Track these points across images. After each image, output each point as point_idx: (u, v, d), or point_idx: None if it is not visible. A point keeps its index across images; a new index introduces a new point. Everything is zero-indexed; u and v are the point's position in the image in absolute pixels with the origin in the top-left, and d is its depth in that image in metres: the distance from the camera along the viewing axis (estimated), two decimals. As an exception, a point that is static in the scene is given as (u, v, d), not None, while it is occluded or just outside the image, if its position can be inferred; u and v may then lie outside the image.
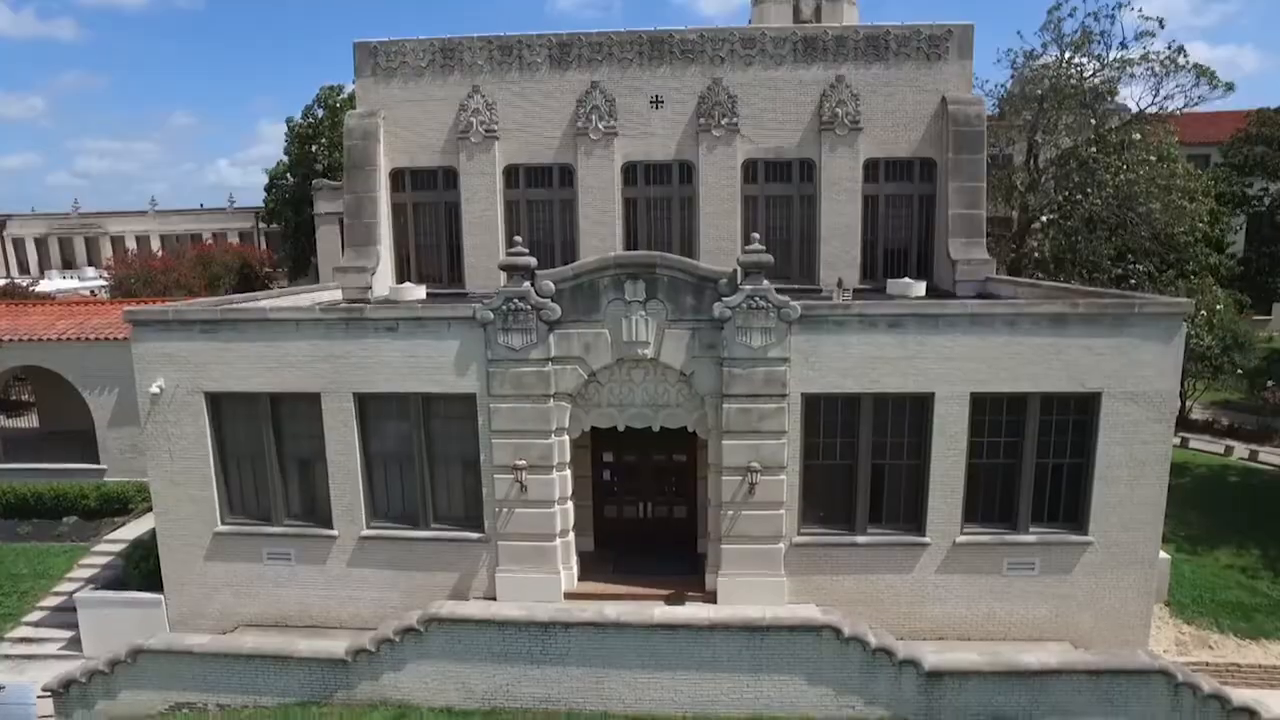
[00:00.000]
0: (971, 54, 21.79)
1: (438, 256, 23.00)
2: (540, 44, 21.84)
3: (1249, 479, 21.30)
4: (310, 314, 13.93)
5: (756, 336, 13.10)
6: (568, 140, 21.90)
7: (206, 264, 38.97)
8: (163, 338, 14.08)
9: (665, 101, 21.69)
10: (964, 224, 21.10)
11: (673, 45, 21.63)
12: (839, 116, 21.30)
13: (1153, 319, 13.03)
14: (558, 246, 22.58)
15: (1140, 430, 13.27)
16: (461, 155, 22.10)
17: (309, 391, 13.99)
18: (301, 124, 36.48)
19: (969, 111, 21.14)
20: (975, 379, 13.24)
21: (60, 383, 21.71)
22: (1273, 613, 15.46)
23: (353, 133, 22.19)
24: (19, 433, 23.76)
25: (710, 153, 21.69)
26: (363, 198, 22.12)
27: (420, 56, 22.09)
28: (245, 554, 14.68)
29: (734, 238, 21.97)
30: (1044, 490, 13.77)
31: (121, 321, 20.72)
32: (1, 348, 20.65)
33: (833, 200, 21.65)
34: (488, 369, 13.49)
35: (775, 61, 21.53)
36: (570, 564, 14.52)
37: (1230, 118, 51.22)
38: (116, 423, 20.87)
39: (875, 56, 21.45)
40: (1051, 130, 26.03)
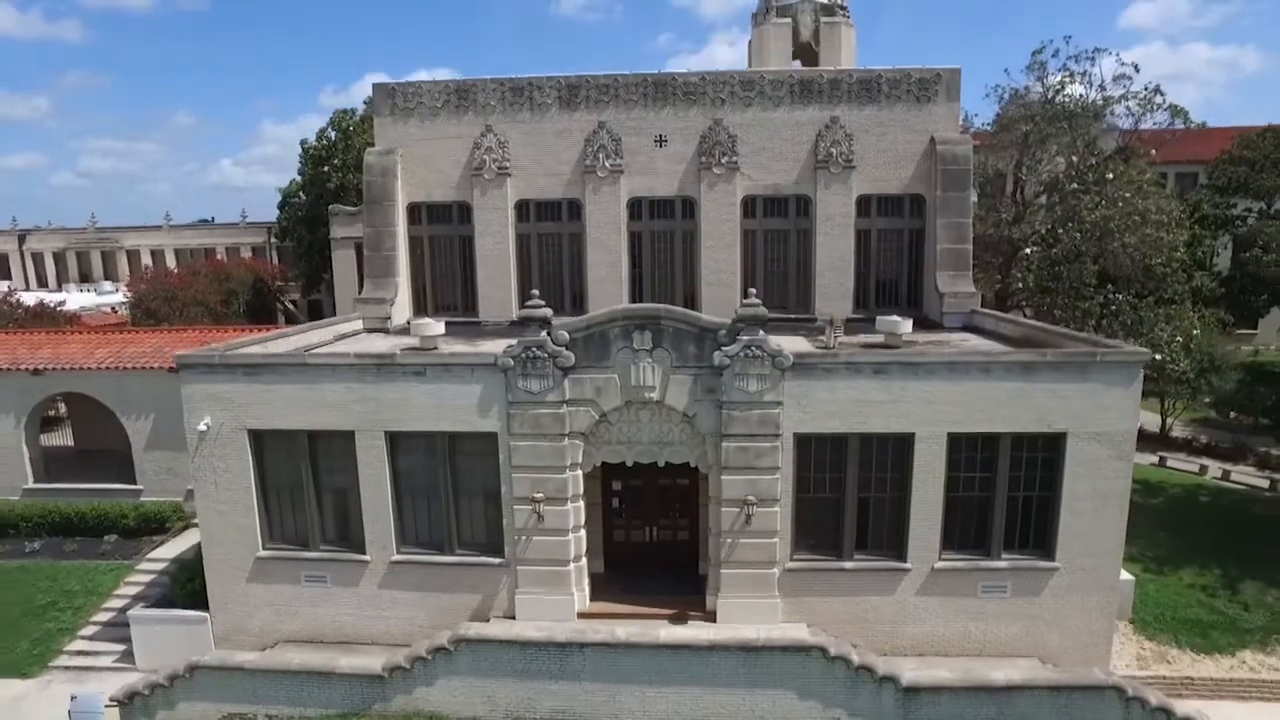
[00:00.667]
0: (959, 96, 23.24)
1: (453, 287, 24.44)
2: (550, 86, 23.25)
3: (1219, 499, 22.75)
4: (345, 359, 15.38)
5: (753, 382, 14.55)
6: (576, 177, 23.31)
7: (222, 280, 40.48)
8: (209, 380, 15.53)
9: (669, 140, 23.10)
10: (952, 258, 22.51)
11: (675, 87, 23.03)
12: (834, 155, 22.70)
13: (1113, 366, 14.47)
14: (566, 278, 24.07)
15: (1102, 467, 14.72)
16: (475, 191, 23.52)
17: (344, 430, 15.46)
18: (315, 146, 37.93)
19: (957, 151, 22.55)
20: (952, 420, 14.69)
21: (93, 402, 23.16)
22: (1227, 629, 16.93)
23: (372, 169, 23.64)
24: (55, 451, 25.19)
25: (711, 189, 23.10)
26: (381, 231, 23.57)
27: (436, 97, 23.51)
28: (284, 576, 16.17)
29: (734, 270, 23.45)
30: (1015, 520, 15.23)
31: (156, 350, 22.29)
32: (45, 375, 22.08)
33: (828, 235, 23.07)
34: (508, 410, 14.96)
35: (773, 103, 22.91)
36: (583, 586, 16.00)
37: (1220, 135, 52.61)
38: (152, 446, 22.34)
39: (868, 98, 22.82)
40: (1041, 145, 27.30)
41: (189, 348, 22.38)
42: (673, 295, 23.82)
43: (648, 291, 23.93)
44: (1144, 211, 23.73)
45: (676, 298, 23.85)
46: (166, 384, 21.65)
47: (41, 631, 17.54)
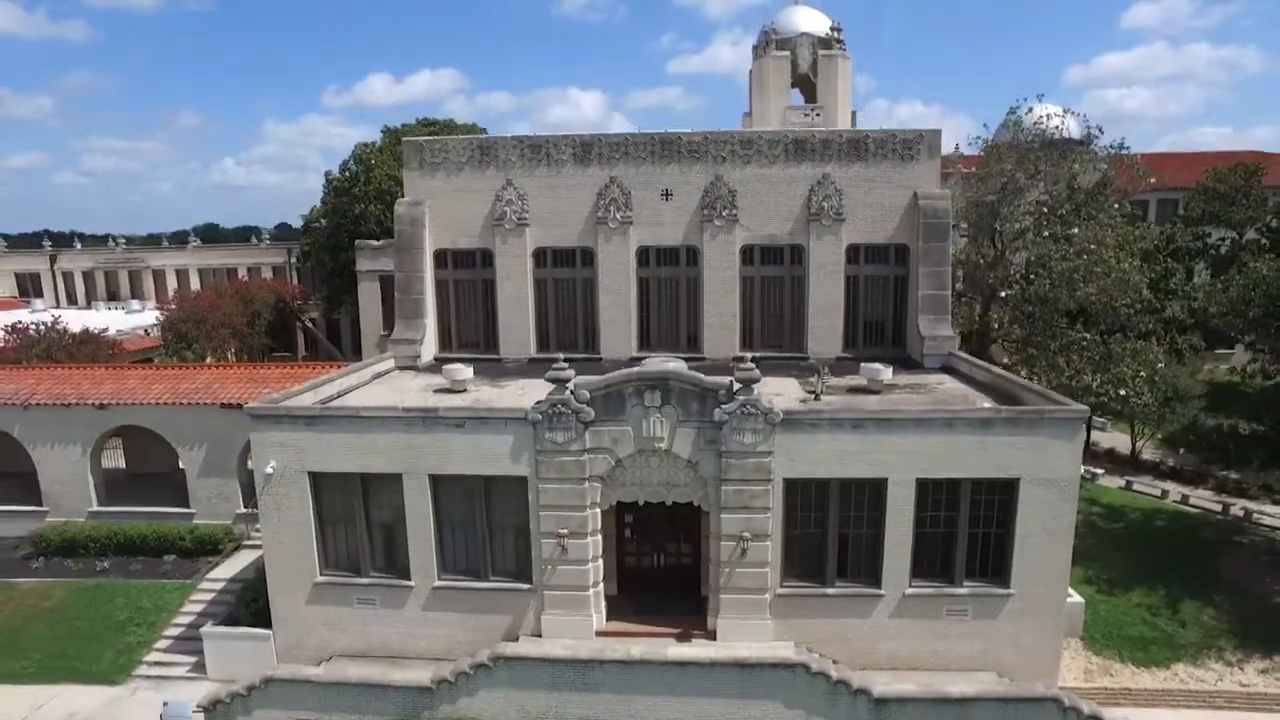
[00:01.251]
0: (939, 154, 25.78)
1: (475, 326, 26.96)
2: (566, 144, 25.74)
3: (1175, 524, 25.26)
4: (394, 412, 17.89)
5: (748, 435, 17.06)
6: (589, 227, 25.80)
7: (247, 301, 43.00)
8: (275, 429, 18.05)
9: (674, 194, 25.59)
10: (932, 303, 25.00)
11: (681, 146, 25.50)
12: (825, 209, 25.18)
13: (1059, 422, 16.98)
14: (580, 319, 26.60)
15: (1050, 508, 17.23)
16: (497, 239, 26.02)
17: (392, 472, 17.99)
18: (339, 178, 40.42)
19: (937, 206, 25.04)
20: (921, 468, 17.20)
21: (145, 430, 25.61)
22: (1165, 645, 19.46)
23: (402, 219, 26.13)
24: (111, 474, 27.61)
25: (713, 239, 25.59)
26: (411, 276, 26.08)
27: (460, 153, 25.99)
28: (339, 599, 18.72)
29: (734, 313, 25.96)
30: (975, 553, 17.76)
31: (207, 386, 24.86)
32: (109, 410, 24.63)
33: (819, 281, 25.57)
34: (536, 458, 17.48)
35: (769, 160, 25.37)
36: (600, 608, 18.56)
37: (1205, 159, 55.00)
38: (204, 474, 24.88)
39: (856, 157, 25.28)
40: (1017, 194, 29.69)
41: (237, 384, 25.09)
42: (678, 336, 26.41)
43: (654, 333, 26.48)
44: (1107, 263, 26.11)
45: (681, 338, 26.45)
46: (218, 419, 24.37)
47: (122, 644, 20.11)
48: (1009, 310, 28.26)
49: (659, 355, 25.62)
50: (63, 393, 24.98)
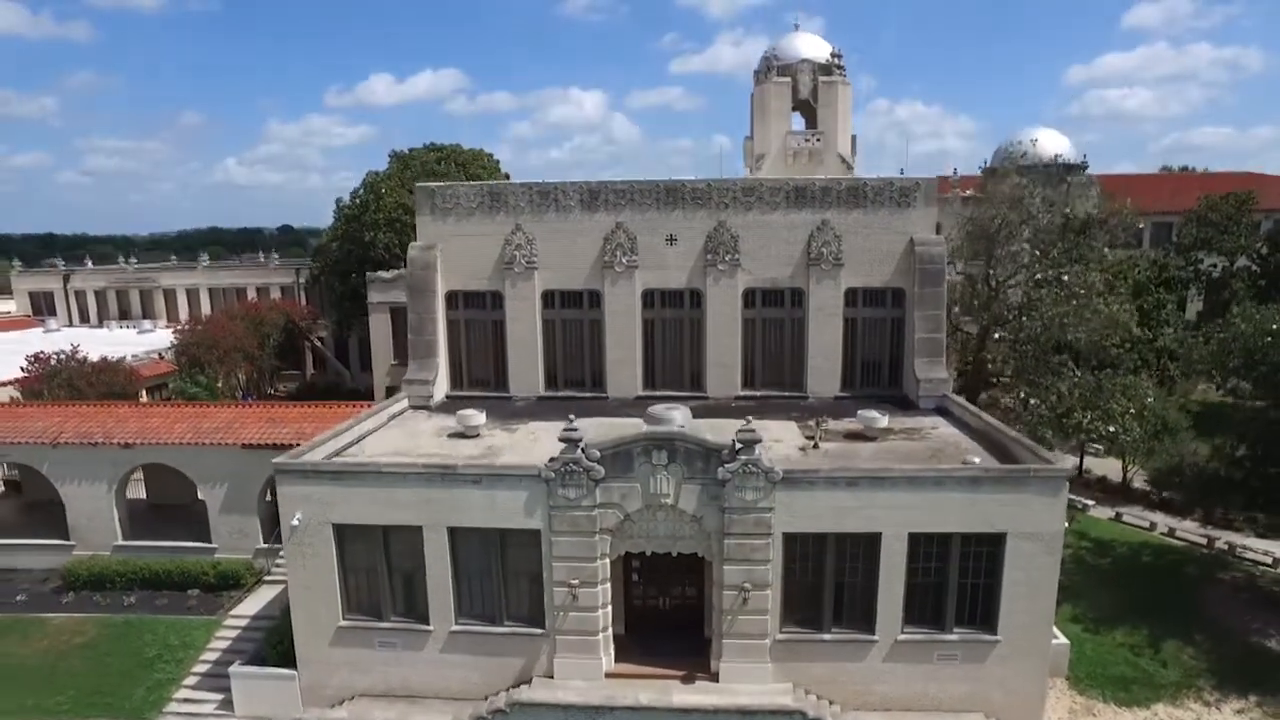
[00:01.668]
0: (935, 201, 26.82)
1: (486, 365, 28.05)
2: (573, 190, 26.81)
3: (1160, 559, 26.39)
4: (415, 468, 19.00)
5: (749, 493, 18.15)
6: (596, 270, 26.87)
7: (257, 324, 44.11)
8: (301, 483, 19.16)
9: (678, 239, 26.65)
10: (927, 346, 26.07)
11: (685, 193, 26.56)
12: (824, 254, 26.24)
13: (1043, 480, 18.07)
14: (587, 359, 27.69)
15: (1034, 560, 18.34)
16: (506, 282, 27.10)
17: (412, 525, 19.10)
18: (349, 206, 41.52)
19: (932, 252, 26.09)
20: (913, 522, 18.30)
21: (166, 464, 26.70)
22: (1146, 685, 20.60)
23: (415, 262, 27.20)
24: (132, 504, 28.60)
25: (716, 283, 26.66)
26: (424, 317, 27.17)
27: (471, 199, 27.06)
28: (361, 642, 19.85)
29: (736, 354, 27.04)
30: (964, 601, 18.86)
31: (228, 426, 25.98)
32: (134, 449, 25.75)
33: (819, 323, 26.63)
34: (549, 512, 18.58)
35: (771, 207, 26.41)
36: (609, 650, 19.68)
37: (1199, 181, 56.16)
38: (225, 510, 26.02)
39: (855, 204, 26.32)
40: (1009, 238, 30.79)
41: (257, 424, 26.22)
42: (682, 376, 27.50)
43: (659, 372, 27.57)
44: (1095, 306, 27.17)
45: (685, 378, 27.54)
46: (238, 458, 25.53)
47: (153, 681, 21.26)
48: (1002, 349, 29.33)
49: (664, 393, 26.87)
50: (90, 431, 26.09)
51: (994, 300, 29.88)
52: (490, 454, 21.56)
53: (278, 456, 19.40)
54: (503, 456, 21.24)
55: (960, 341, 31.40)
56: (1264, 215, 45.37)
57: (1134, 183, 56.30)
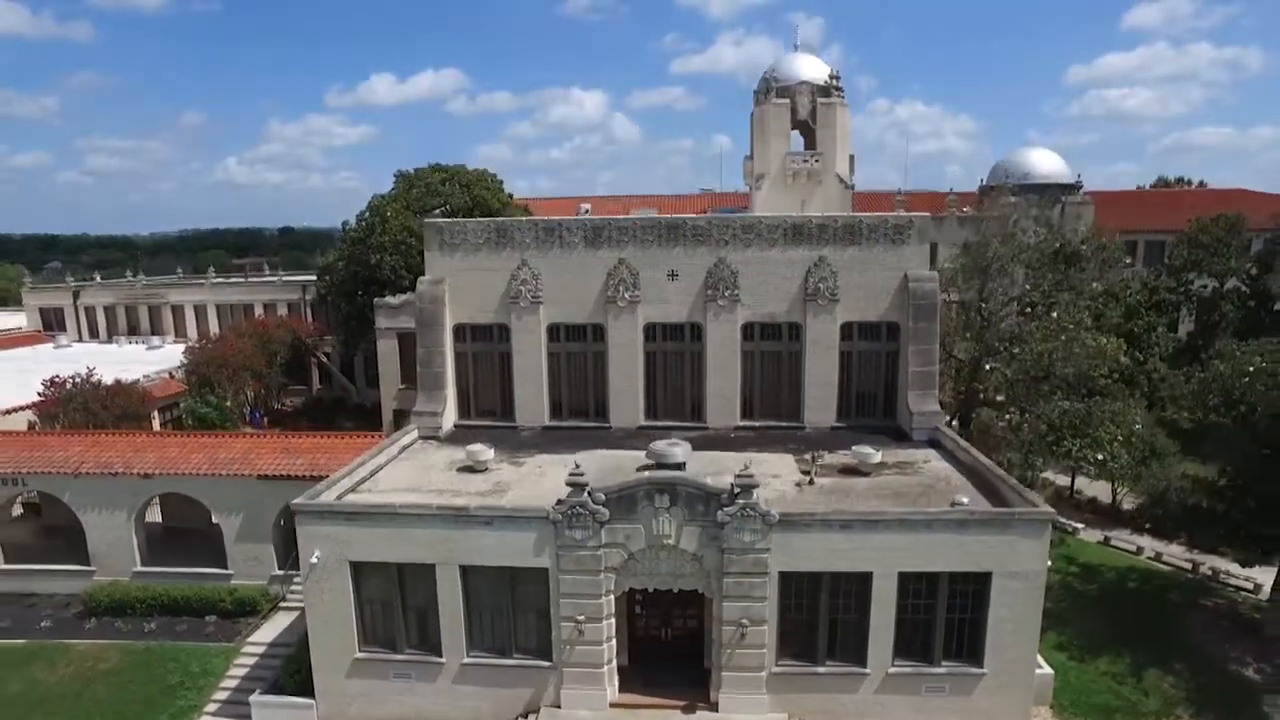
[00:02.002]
0: (929, 239, 27.77)
1: (493, 395, 29.00)
2: (577, 227, 27.74)
3: (1146, 584, 27.39)
4: (429, 510, 19.98)
5: (747, 535, 19.14)
6: (599, 304, 27.81)
7: (265, 342, 45.08)
8: (319, 523, 20.14)
9: (680, 275, 27.58)
10: (920, 379, 27.02)
11: (686, 230, 27.48)
12: (821, 290, 27.16)
13: (1027, 523, 19.06)
14: (591, 390, 28.63)
15: (1019, 597, 19.33)
16: (512, 316, 28.05)
17: (426, 563, 20.09)
18: (355, 229, 42.48)
19: (926, 287, 27.02)
20: (903, 562, 19.29)
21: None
22: (1129, 713, 21.60)
23: (423, 296, 28.15)
24: (149, 527, 29.57)
25: (716, 318, 27.61)
26: (432, 350, 28.12)
27: (478, 235, 27.99)
28: (377, 673, 20.86)
29: (735, 386, 27.98)
30: (952, 636, 19.86)
31: (243, 456, 26.96)
32: (153, 479, 26.74)
33: (815, 356, 27.58)
34: (557, 552, 19.57)
35: (769, 244, 27.33)
36: (613, 681, 20.71)
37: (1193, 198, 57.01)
38: (241, 539, 27.02)
39: (851, 240, 27.24)
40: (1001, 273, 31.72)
41: (271, 455, 27.23)
42: (682, 406, 28.45)
43: (660, 403, 28.52)
44: (1083, 341, 28.09)
45: (685, 408, 28.49)
46: (254, 488, 26.55)
47: (176, 708, 22.27)
48: (995, 377, 30.25)
49: (665, 423, 27.91)
50: (110, 461, 27.06)
51: (986, 330, 30.79)
52: (499, 489, 22.54)
53: (297, 498, 20.35)
54: (511, 492, 22.23)
55: (954, 367, 32.32)
56: (1254, 234, 46.25)
57: (1128, 199, 57.38)
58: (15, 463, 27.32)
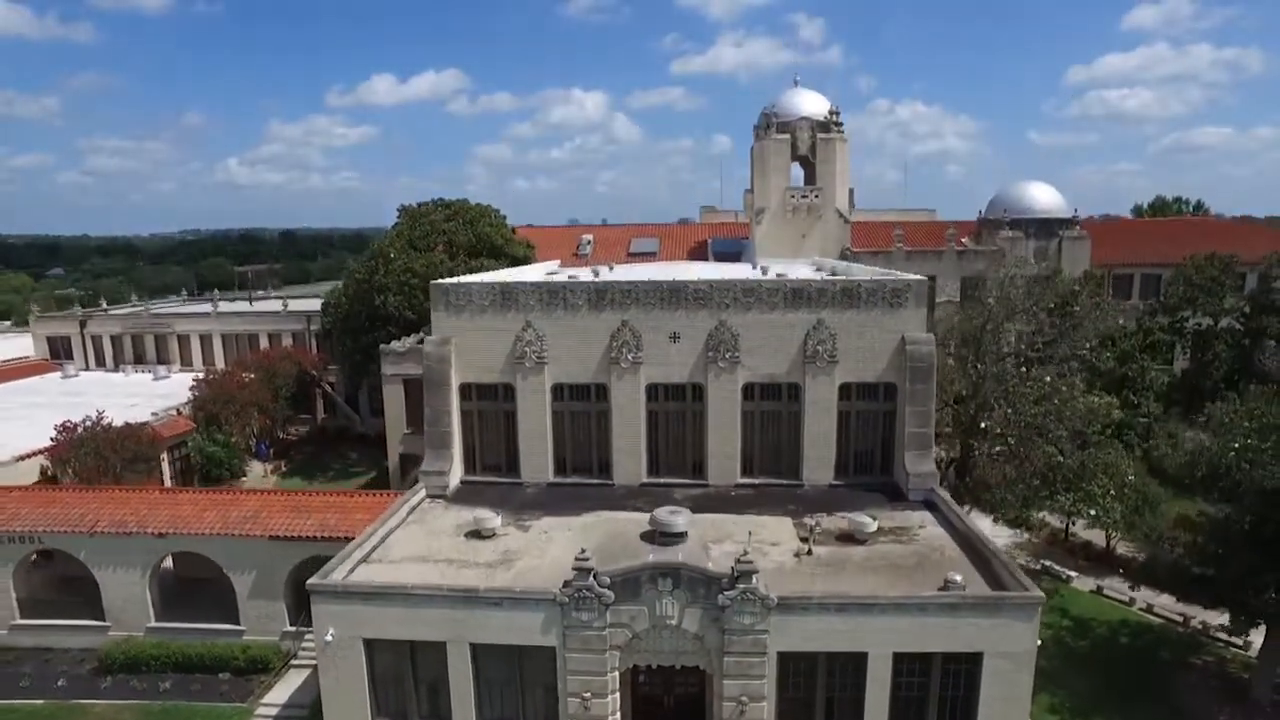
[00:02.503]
0: (925, 302, 28.40)
1: (498, 452, 29.75)
2: (581, 290, 28.42)
3: (1137, 639, 28.16)
4: (440, 591, 20.72)
5: (747, 617, 19.89)
6: (603, 365, 28.52)
7: (271, 376, 45.82)
8: (334, 602, 20.89)
9: (681, 337, 28.28)
10: (917, 440, 27.75)
11: (687, 294, 28.17)
12: (820, 352, 27.86)
13: (1018, 606, 19.81)
14: (594, 448, 29.37)
15: (1010, 677, 20.10)
16: (518, 376, 28.76)
17: (437, 640, 20.85)
18: (359, 270, 43.22)
19: (922, 350, 27.72)
20: (897, 643, 20.05)
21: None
22: (1115, 780, 22.40)
23: (430, 357, 28.86)
24: (161, 578, 30.29)
25: (717, 379, 28.32)
26: (439, 410, 28.85)
27: (484, 297, 28.69)
28: (388, 742, 21.64)
29: (735, 445, 28.71)
30: (944, 712, 20.63)
31: (254, 515, 27.69)
32: (166, 538, 27.49)
33: (814, 416, 28.30)
34: (564, 632, 20.33)
35: (769, 307, 28.02)
36: (618, 752, 21.49)
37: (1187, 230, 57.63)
38: (253, 596, 27.79)
39: (849, 304, 27.93)
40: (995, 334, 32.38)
41: (282, 514, 27.99)
42: (684, 464, 29.19)
43: (663, 461, 29.27)
44: (1074, 404, 28.79)
45: (687, 466, 29.23)
46: (265, 548, 27.33)
47: (195, 773, 23.07)
48: (988, 440, 30.95)
49: (667, 480, 28.72)
50: (124, 520, 27.81)
51: (982, 384, 31.45)
52: (506, 560, 23.30)
53: (311, 577, 21.08)
54: (519, 563, 22.99)
55: (951, 416, 33.01)
56: (1248, 268, 46.96)
57: (1124, 231, 58.02)
58: (32, 521, 28.09)
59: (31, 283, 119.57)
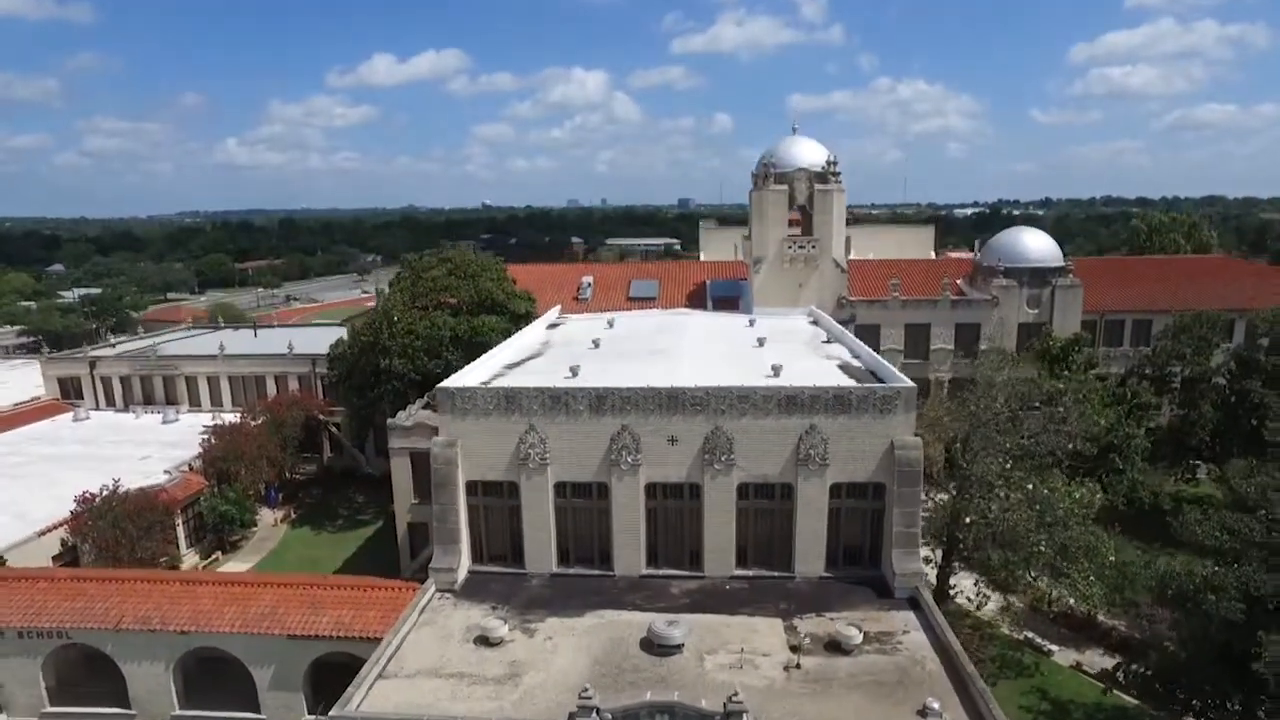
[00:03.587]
0: (914, 408, 29.69)
1: (504, 543, 31.33)
2: (582, 394, 29.75)
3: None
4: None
5: (738, 753, 21.56)
6: (604, 466, 29.95)
7: (279, 425, 47.30)
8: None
9: (679, 440, 29.67)
10: (904, 539, 29.28)
11: (685, 399, 29.48)
12: (812, 455, 29.27)
13: (991, 742, 21.44)
14: (595, 542, 30.92)
15: (983, 804, 21.82)
16: (522, 475, 30.22)
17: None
18: (362, 330, 44.55)
19: (911, 455, 29.10)
20: (878, 775, 21.73)
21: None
22: None
23: (438, 459, 30.29)
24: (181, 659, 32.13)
25: (713, 480, 29.76)
26: (447, 508, 30.36)
27: (488, 401, 30.04)
28: None
29: (730, 540, 30.25)
30: (922, 833, 22.39)
31: (271, 611, 29.33)
32: (188, 635, 29.18)
33: (806, 513, 29.81)
34: (568, 764, 22.04)
35: (763, 413, 29.36)
36: None
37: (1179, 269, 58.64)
38: (273, 687, 29.58)
39: (840, 410, 29.26)
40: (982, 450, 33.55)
41: (299, 609, 29.59)
42: (681, 556, 30.77)
43: (661, 553, 30.85)
44: (1055, 512, 30.19)
45: (684, 558, 30.81)
46: (284, 645, 28.98)
47: None
48: (972, 533, 32.32)
49: (665, 571, 30.34)
50: (148, 618, 29.48)
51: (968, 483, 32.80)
52: (513, 672, 24.94)
53: (333, 711, 22.73)
54: (525, 678, 24.64)
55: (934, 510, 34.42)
56: (1238, 314, 48.14)
57: (1118, 269, 58.94)
58: (60, 616, 29.76)
59: (34, 283, 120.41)
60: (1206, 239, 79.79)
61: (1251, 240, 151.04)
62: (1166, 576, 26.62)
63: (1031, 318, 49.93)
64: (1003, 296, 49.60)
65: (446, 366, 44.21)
